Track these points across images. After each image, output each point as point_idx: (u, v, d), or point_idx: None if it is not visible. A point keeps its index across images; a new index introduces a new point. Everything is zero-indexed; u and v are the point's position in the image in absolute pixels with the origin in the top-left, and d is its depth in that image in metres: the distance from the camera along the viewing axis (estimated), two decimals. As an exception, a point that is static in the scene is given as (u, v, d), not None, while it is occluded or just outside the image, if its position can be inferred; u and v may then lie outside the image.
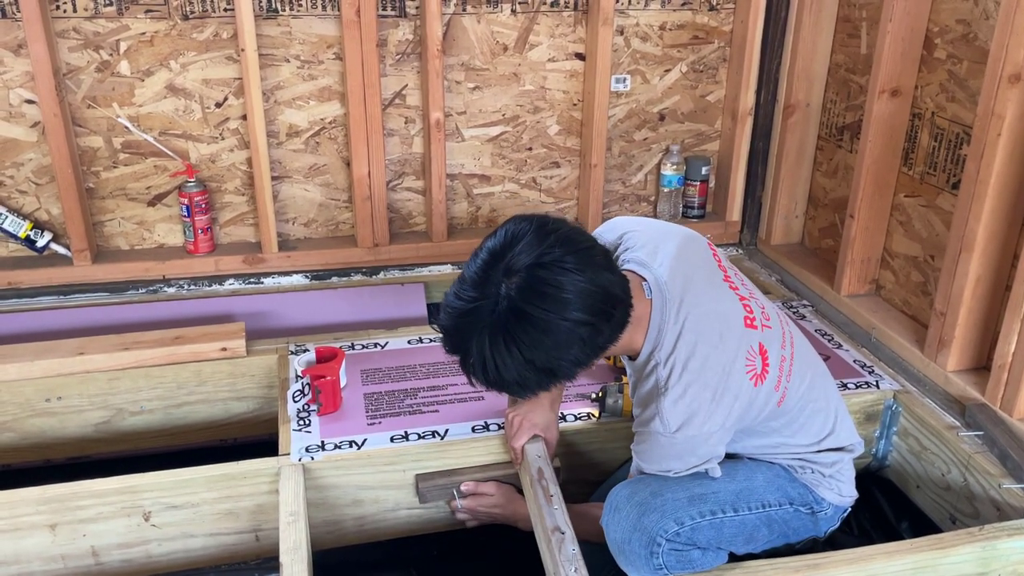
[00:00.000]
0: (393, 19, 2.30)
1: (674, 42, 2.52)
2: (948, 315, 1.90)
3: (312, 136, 2.38)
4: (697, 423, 1.37)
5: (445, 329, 1.31)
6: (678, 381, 1.37)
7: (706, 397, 1.36)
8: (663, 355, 1.39)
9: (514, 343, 1.23)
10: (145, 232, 2.39)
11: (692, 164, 2.64)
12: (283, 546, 1.46)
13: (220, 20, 2.20)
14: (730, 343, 1.39)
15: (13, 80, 2.15)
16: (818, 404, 1.53)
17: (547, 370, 1.27)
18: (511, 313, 1.23)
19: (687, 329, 1.38)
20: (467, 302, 1.26)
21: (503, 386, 1.30)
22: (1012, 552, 1.52)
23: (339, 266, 2.45)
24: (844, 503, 1.58)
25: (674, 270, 1.42)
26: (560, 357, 1.26)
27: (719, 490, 1.47)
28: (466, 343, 1.28)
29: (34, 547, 1.63)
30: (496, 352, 1.24)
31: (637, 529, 1.41)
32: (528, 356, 1.24)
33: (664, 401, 1.37)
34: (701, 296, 1.42)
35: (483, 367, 1.27)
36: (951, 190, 1.98)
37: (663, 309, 1.40)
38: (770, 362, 1.43)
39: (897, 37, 2.02)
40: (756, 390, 1.41)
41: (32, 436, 1.98)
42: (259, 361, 2.04)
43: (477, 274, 1.27)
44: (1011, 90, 1.68)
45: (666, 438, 1.38)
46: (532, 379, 1.28)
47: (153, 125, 2.27)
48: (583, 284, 1.24)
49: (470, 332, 1.26)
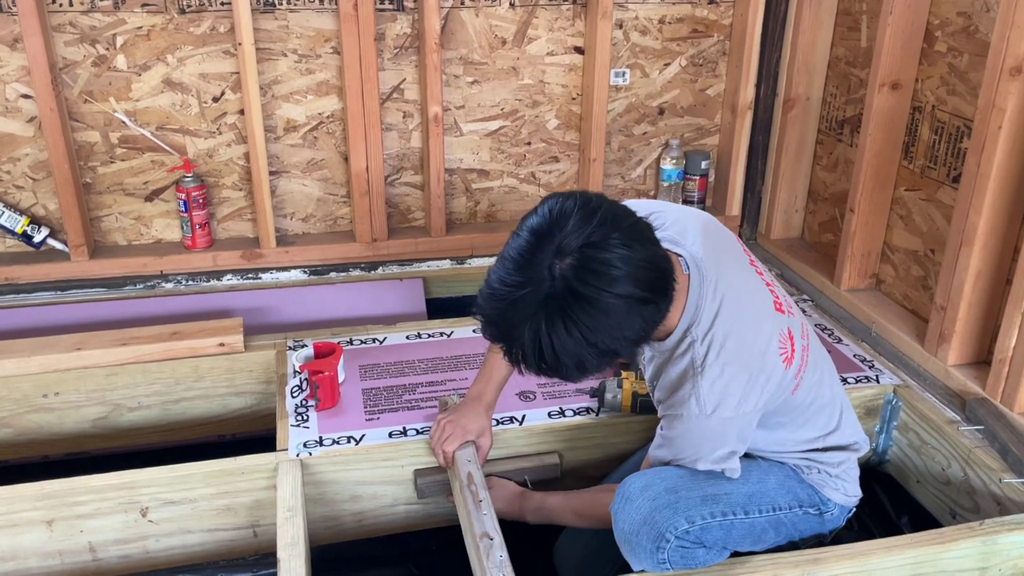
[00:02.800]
0: (391, 13, 2.29)
1: (673, 36, 2.51)
2: (948, 309, 1.89)
3: (310, 131, 2.37)
4: (732, 404, 1.35)
5: (488, 317, 1.24)
6: (716, 360, 1.34)
7: (743, 378, 1.35)
8: (700, 332, 1.36)
9: (575, 325, 1.18)
10: (143, 227, 2.38)
11: (692, 158, 2.63)
12: (281, 541, 1.46)
13: (217, 14, 2.19)
14: (765, 325, 1.39)
15: (9, 75, 2.14)
16: (824, 400, 1.52)
17: (609, 351, 1.23)
18: (569, 294, 1.17)
19: (724, 307, 1.36)
20: (515, 287, 1.19)
21: (560, 371, 1.24)
22: (1013, 547, 1.51)
23: (337, 261, 2.45)
24: (850, 503, 1.58)
25: (707, 249, 1.40)
26: (621, 336, 1.21)
27: (732, 491, 1.46)
28: (516, 329, 1.21)
29: (31, 543, 1.63)
30: (555, 336, 1.18)
31: (647, 523, 1.40)
32: (591, 339, 1.19)
33: (702, 381, 1.35)
34: (734, 278, 1.40)
35: (538, 353, 1.20)
36: (951, 184, 1.97)
37: (701, 285, 1.37)
38: (796, 347, 1.42)
39: (897, 30, 2.01)
40: (785, 373, 1.39)
41: (29, 432, 1.98)
42: (257, 357, 2.03)
43: (523, 256, 1.20)
44: (1012, 83, 1.67)
45: (701, 420, 1.36)
46: (592, 361, 1.22)
47: (150, 120, 2.26)
48: (637, 261, 1.20)
49: (521, 317, 1.19)
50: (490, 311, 1.23)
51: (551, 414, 1.82)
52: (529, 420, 1.81)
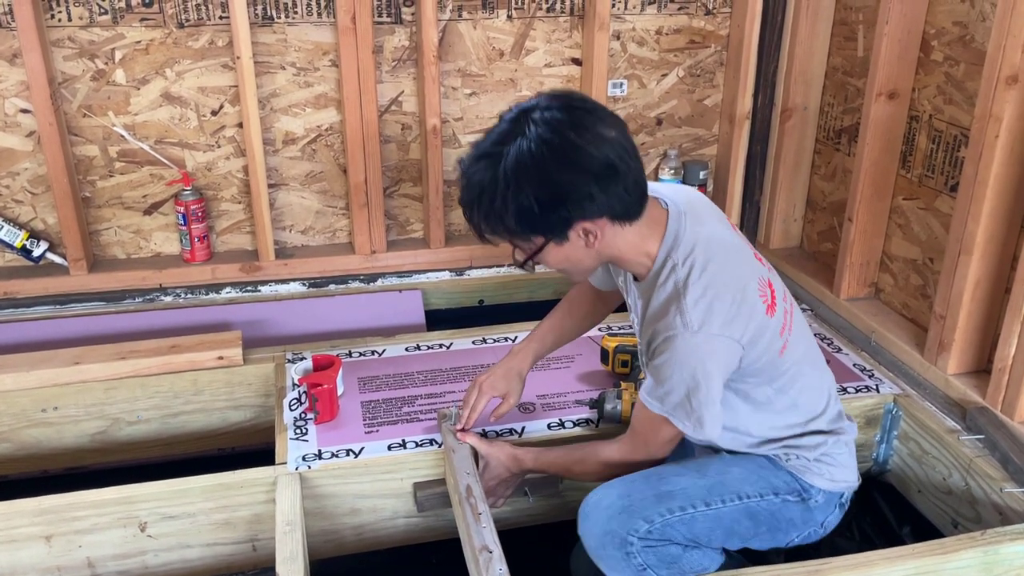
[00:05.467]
0: (389, 26, 2.30)
1: (671, 46, 2.52)
2: (948, 318, 1.89)
3: (308, 143, 2.38)
4: (718, 323, 1.35)
5: (466, 171, 1.35)
6: (698, 280, 1.36)
7: (727, 299, 1.36)
8: (681, 256, 1.38)
9: (540, 164, 1.27)
10: (142, 241, 2.38)
11: (690, 168, 2.63)
12: (280, 556, 1.45)
13: (215, 28, 2.20)
14: (745, 266, 1.42)
15: (8, 90, 2.14)
16: (811, 379, 1.52)
17: (559, 195, 1.29)
18: (540, 140, 1.27)
19: (703, 239, 1.39)
20: (494, 144, 1.31)
21: (508, 217, 1.31)
22: (1015, 556, 1.51)
23: (336, 273, 2.45)
24: (838, 488, 1.54)
25: (689, 204, 1.45)
26: (577, 183, 1.28)
27: (688, 486, 1.46)
28: (489, 171, 1.30)
29: (30, 559, 1.62)
30: (524, 155, 1.27)
31: (607, 533, 1.41)
32: (554, 177, 1.28)
33: (685, 300, 1.35)
34: (716, 227, 1.45)
35: (498, 197, 1.29)
36: (949, 192, 1.97)
37: (680, 218, 1.41)
38: (777, 301, 1.44)
39: (894, 40, 2.01)
40: (767, 319, 1.40)
41: (28, 447, 1.97)
42: (256, 370, 2.03)
43: (502, 127, 1.32)
44: (1008, 92, 1.68)
45: (687, 338, 1.34)
46: (541, 210, 1.29)
47: (149, 133, 2.27)
48: (611, 133, 1.29)
49: (494, 162, 1.30)
50: (468, 164, 1.35)
51: (550, 425, 1.82)
52: (529, 431, 1.80)
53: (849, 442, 1.57)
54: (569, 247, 1.37)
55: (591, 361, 2.05)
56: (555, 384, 1.97)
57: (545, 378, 1.99)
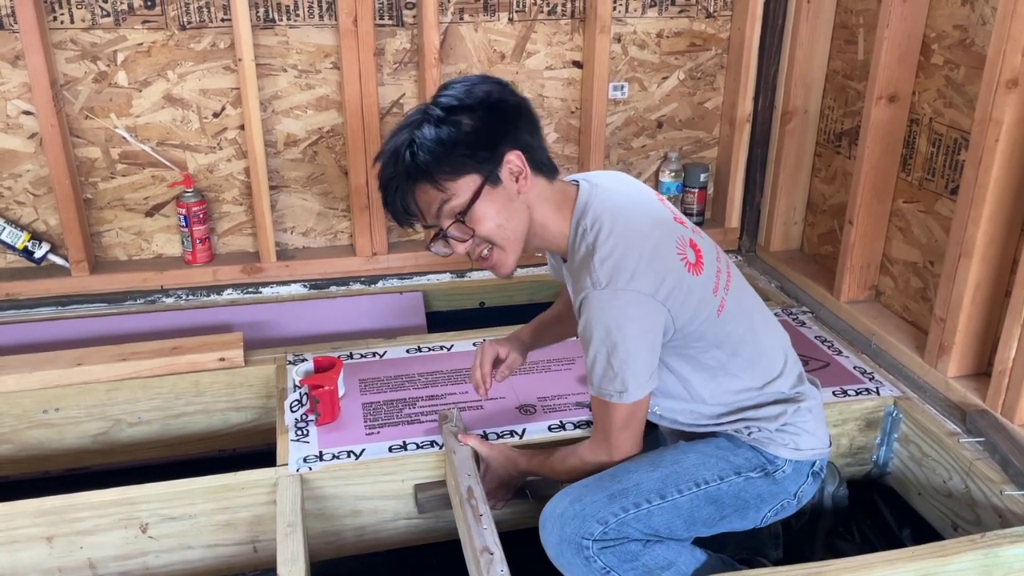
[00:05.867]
0: (390, 28, 2.31)
1: (671, 49, 2.52)
2: (948, 321, 1.89)
3: (310, 145, 2.38)
4: (625, 278, 1.35)
5: (386, 143, 1.45)
6: (606, 239, 1.38)
7: (633, 256, 1.37)
8: (589, 221, 1.41)
9: (472, 97, 1.39)
10: (143, 242, 2.39)
11: (690, 171, 2.64)
12: (281, 557, 1.45)
13: (217, 30, 2.21)
14: (658, 226, 1.44)
15: (10, 91, 2.15)
16: (763, 344, 1.52)
17: (494, 115, 1.38)
18: (466, 92, 1.39)
19: (610, 206, 1.43)
20: (412, 120, 1.42)
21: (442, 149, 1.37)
22: (1015, 559, 1.51)
23: (337, 275, 2.45)
24: (805, 457, 1.51)
25: (604, 178, 1.52)
26: (507, 113, 1.40)
27: (641, 480, 1.45)
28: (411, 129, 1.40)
29: (31, 559, 1.62)
30: (420, 133, 1.38)
31: (563, 540, 1.41)
32: (487, 102, 1.39)
33: (594, 259, 1.38)
34: (628, 193, 1.50)
35: (429, 136, 1.37)
36: (950, 196, 1.98)
37: (590, 191, 1.46)
38: (704, 260, 1.45)
39: (894, 43, 2.02)
40: (692, 278, 1.41)
41: (30, 448, 1.98)
42: (257, 371, 2.03)
43: (413, 115, 1.43)
44: (1009, 95, 1.68)
45: (597, 293, 1.36)
46: (476, 132, 1.37)
47: (151, 135, 2.27)
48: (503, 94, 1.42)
49: (417, 122, 1.40)
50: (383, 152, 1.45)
51: (551, 427, 1.82)
52: (530, 434, 1.81)
53: (814, 408, 1.54)
54: (503, 194, 1.41)
55: (592, 363, 2.05)
56: (556, 386, 1.97)
57: (546, 380, 1.99)
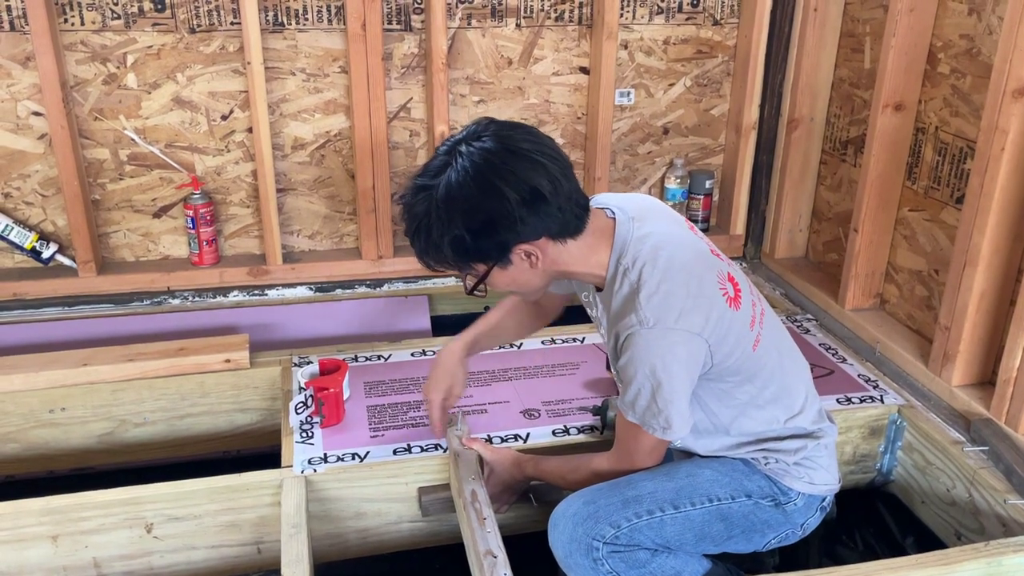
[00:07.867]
0: (399, 33, 2.32)
1: (678, 56, 2.53)
2: (953, 329, 1.89)
3: (317, 149, 2.39)
4: (673, 316, 1.34)
5: (407, 204, 1.39)
6: (651, 276, 1.36)
7: (680, 294, 1.36)
8: (630, 260, 1.39)
9: (466, 194, 1.31)
10: (150, 244, 2.40)
11: (696, 178, 2.64)
12: (285, 559, 1.46)
13: (227, 33, 2.22)
14: (699, 260, 1.42)
15: (21, 92, 2.16)
16: (789, 378, 1.52)
17: (489, 223, 1.32)
18: (466, 171, 1.31)
19: (651, 241, 1.40)
20: (429, 177, 1.35)
21: (446, 248, 1.35)
22: (1018, 568, 1.51)
23: (343, 278, 2.46)
24: (818, 491, 1.53)
25: (639, 210, 1.47)
26: (503, 210, 1.30)
27: (656, 489, 1.45)
28: (423, 204, 1.35)
29: (36, 558, 1.63)
30: (460, 179, 1.31)
31: (574, 540, 1.41)
32: (481, 206, 1.31)
33: (640, 297, 1.36)
34: (666, 225, 1.46)
35: (434, 230, 1.34)
36: (955, 204, 1.98)
37: (628, 224, 1.43)
38: (742, 295, 1.44)
39: (900, 52, 2.02)
40: (732, 312, 1.40)
41: (36, 447, 1.99)
42: (262, 373, 2.04)
43: (437, 160, 1.36)
44: (1015, 104, 1.68)
45: (643, 332, 1.35)
46: (474, 239, 1.33)
47: (159, 137, 2.28)
48: (538, 156, 1.32)
49: (429, 195, 1.34)
50: (407, 196, 1.39)
51: (555, 432, 1.83)
52: (533, 438, 1.81)
53: (829, 444, 1.56)
54: (514, 270, 1.40)
55: (596, 368, 2.06)
56: (560, 390, 1.98)
57: (550, 384, 2.00)
